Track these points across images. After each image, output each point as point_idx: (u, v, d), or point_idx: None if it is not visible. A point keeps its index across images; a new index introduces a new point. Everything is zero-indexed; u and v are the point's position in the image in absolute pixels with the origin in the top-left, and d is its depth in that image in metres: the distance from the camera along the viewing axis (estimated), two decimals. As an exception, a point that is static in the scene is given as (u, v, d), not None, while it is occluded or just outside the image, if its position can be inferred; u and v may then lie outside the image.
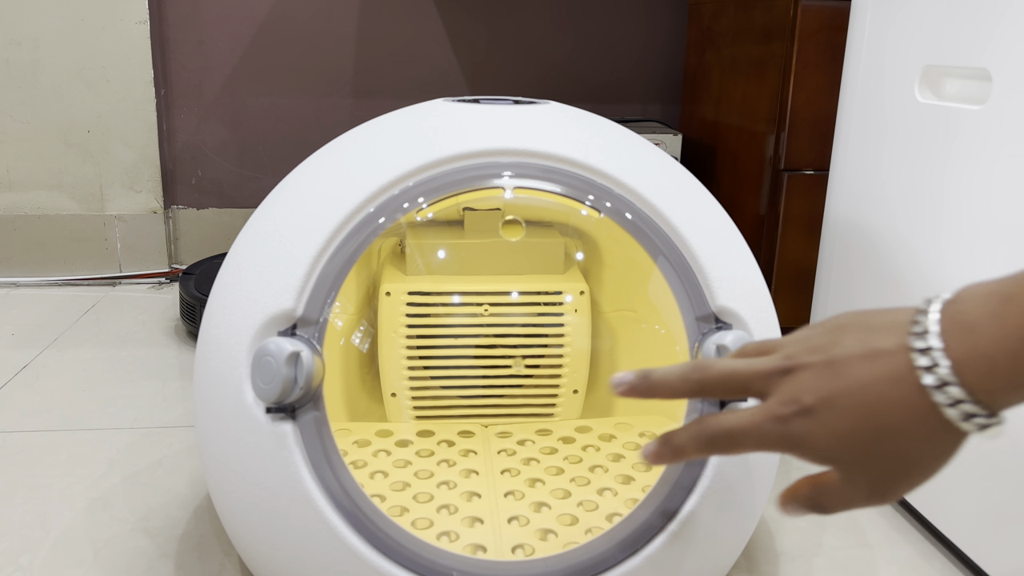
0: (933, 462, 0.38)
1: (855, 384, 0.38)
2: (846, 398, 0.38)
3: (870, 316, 0.40)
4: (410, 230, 0.86)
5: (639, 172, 0.67)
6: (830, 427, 0.39)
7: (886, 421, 0.37)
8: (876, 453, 0.38)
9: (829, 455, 0.39)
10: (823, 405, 0.39)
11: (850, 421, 0.38)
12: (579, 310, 0.84)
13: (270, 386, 0.56)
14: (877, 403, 0.37)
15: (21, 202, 1.50)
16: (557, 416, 0.86)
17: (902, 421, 0.37)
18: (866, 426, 0.38)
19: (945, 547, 0.78)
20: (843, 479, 0.41)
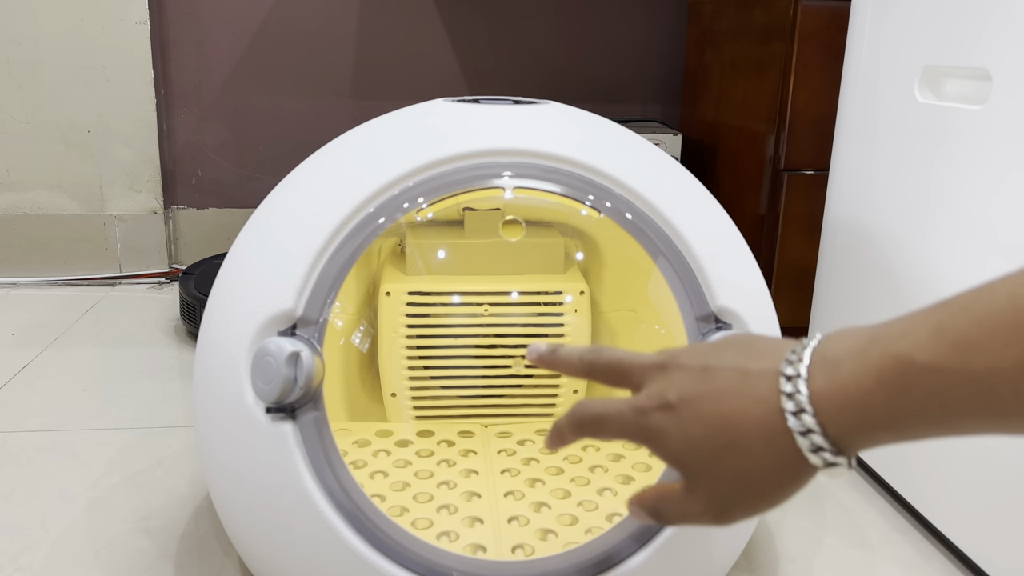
0: (776, 489, 0.38)
1: (719, 392, 0.38)
2: (707, 403, 0.38)
3: (757, 340, 0.41)
4: (410, 230, 0.86)
5: (639, 172, 0.67)
6: (685, 428, 0.39)
7: (739, 436, 0.37)
8: (722, 467, 0.38)
9: (678, 456, 0.40)
10: (684, 405, 0.39)
11: (704, 427, 0.38)
12: (579, 310, 0.84)
13: (270, 386, 0.56)
14: (735, 416, 0.37)
15: (21, 202, 1.50)
16: (557, 416, 0.86)
17: (754, 439, 0.37)
18: (719, 436, 0.38)
19: (945, 547, 0.78)
20: (686, 489, 0.41)
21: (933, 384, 0.32)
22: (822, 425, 0.35)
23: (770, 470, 0.37)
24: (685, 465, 0.40)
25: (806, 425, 0.35)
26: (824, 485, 0.90)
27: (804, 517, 0.83)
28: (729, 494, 0.39)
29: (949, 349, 0.32)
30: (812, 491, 0.88)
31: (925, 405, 0.33)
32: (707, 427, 0.38)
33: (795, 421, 0.36)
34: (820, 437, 0.35)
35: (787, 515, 0.84)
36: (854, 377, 0.34)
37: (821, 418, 0.35)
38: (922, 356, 0.32)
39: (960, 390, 0.32)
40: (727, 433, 0.38)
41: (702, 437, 0.38)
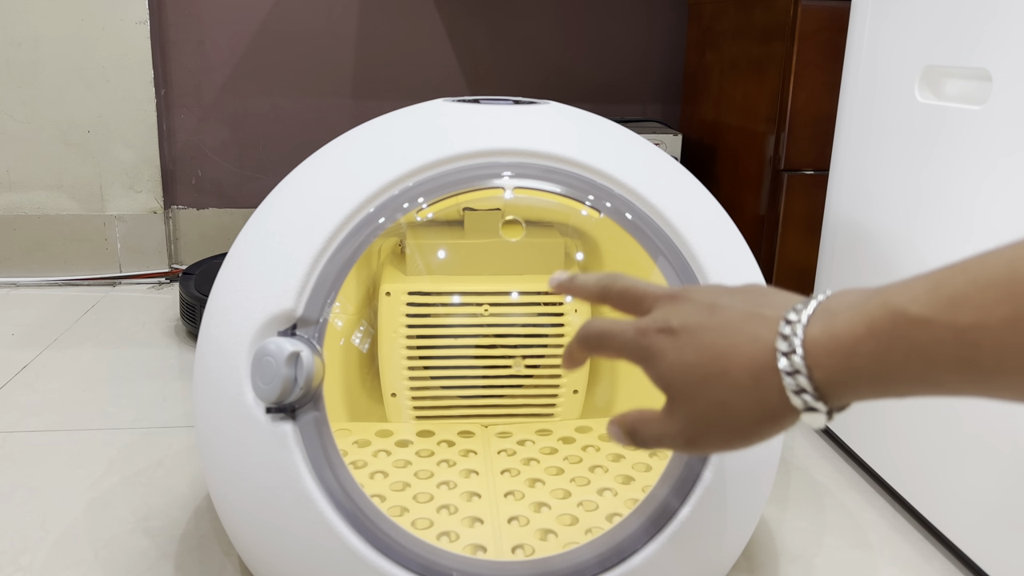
0: (753, 426, 0.39)
1: (721, 327, 0.40)
2: (707, 334, 0.40)
3: (773, 292, 0.42)
4: (410, 230, 0.86)
5: (639, 172, 0.67)
6: (680, 352, 0.41)
7: (730, 367, 0.39)
8: (706, 394, 0.39)
9: (666, 377, 0.41)
10: (684, 332, 0.41)
11: (699, 354, 0.40)
12: (579, 310, 0.84)
13: (270, 386, 0.56)
14: (730, 349, 0.39)
15: (21, 202, 1.50)
16: (557, 416, 0.86)
17: (743, 374, 0.38)
18: (709, 364, 0.39)
19: (945, 547, 0.78)
20: (666, 412, 0.42)
21: (920, 336, 0.33)
22: (809, 368, 0.36)
23: (752, 406, 0.38)
24: (671, 387, 0.41)
25: (794, 365, 0.36)
26: (824, 485, 0.90)
27: (804, 517, 0.83)
28: (707, 422, 0.40)
29: (941, 303, 0.32)
30: (812, 491, 0.88)
31: (910, 357, 0.33)
32: (701, 355, 0.40)
33: (784, 361, 0.37)
34: (805, 379, 0.36)
35: (787, 515, 0.84)
36: (848, 325, 0.35)
37: (809, 361, 0.36)
38: (915, 308, 0.33)
39: (946, 345, 0.32)
40: (718, 363, 0.39)
41: (694, 363, 0.40)
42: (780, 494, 0.88)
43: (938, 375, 0.33)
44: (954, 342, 0.32)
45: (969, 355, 0.31)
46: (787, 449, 0.97)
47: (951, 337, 0.32)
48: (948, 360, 0.32)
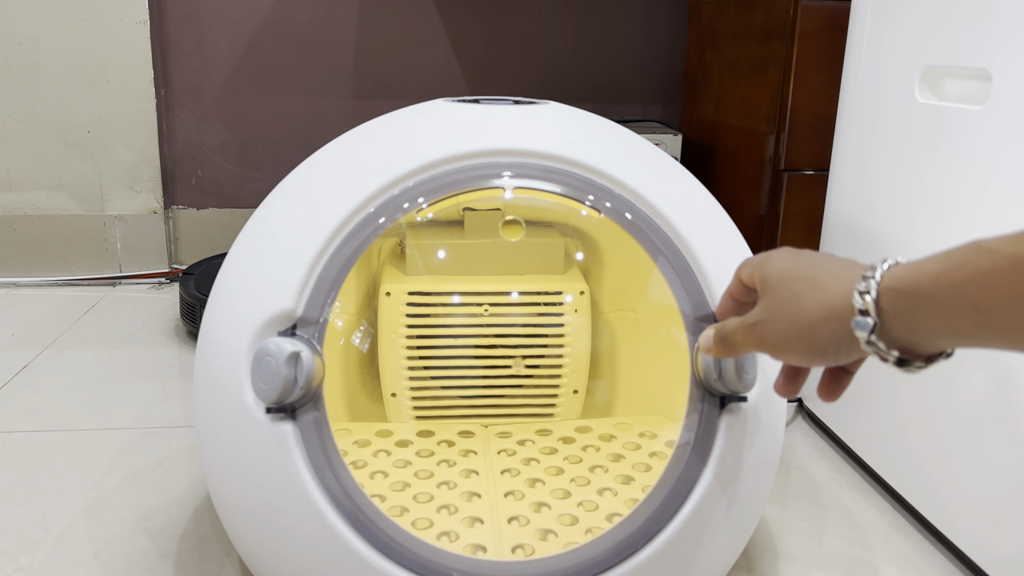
0: (815, 322, 0.44)
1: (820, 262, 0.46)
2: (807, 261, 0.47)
3: None
4: (410, 230, 0.86)
5: (639, 172, 0.67)
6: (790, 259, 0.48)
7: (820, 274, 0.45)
8: (791, 287, 0.45)
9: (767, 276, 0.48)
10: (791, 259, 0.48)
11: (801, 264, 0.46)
12: (579, 310, 0.84)
13: (270, 386, 0.56)
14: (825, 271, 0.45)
15: (21, 202, 1.50)
16: (557, 416, 0.86)
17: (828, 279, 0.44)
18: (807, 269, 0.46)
19: (945, 547, 0.78)
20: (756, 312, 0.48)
21: (984, 260, 0.36)
22: (882, 277, 0.40)
23: (821, 305, 0.43)
24: (769, 282, 0.47)
25: (873, 271, 0.41)
26: (824, 485, 0.90)
27: (804, 517, 0.83)
28: (780, 312, 0.46)
29: (1011, 240, 0.35)
30: (812, 491, 0.88)
31: (971, 279, 0.36)
32: (803, 260, 0.46)
33: (858, 299, 0.41)
34: (875, 283, 0.40)
35: (787, 515, 0.84)
36: (930, 258, 0.39)
37: (885, 274, 0.40)
38: (991, 242, 0.36)
39: (1002, 272, 0.35)
40: (816, 268, 0.45)
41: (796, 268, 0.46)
42: (780, 494, 0.88)
43: (989, 300, 0.35)
44: (1009, 270, 0.34)
45: (1018, 283, 0.34)
46: (787, 449, 0.97)
47: (1007, 265, 0.34)
48: (1000, 285, 0.34)
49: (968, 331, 0.37)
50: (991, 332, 0.36)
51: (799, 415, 1.06)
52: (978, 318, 0.36)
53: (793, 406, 1.07)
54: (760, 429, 0.62)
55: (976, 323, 0.36)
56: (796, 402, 1.06)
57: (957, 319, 0.37)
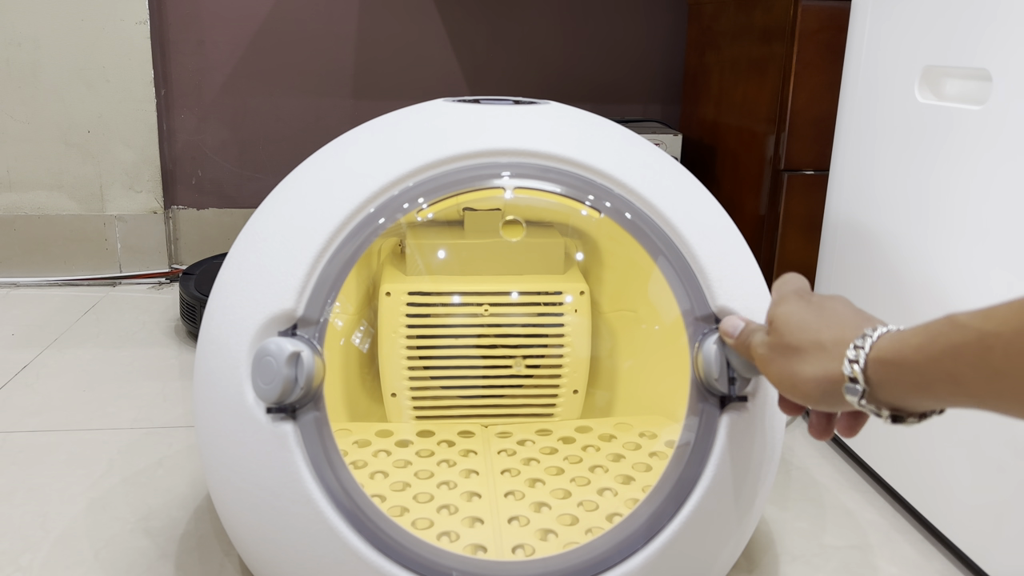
0: (809, 372, 0.47)
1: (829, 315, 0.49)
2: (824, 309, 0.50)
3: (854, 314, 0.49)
4: (410, 230, 0.86)
5: (639, 172, 0.67)
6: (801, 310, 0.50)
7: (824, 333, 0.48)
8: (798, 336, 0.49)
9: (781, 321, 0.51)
10: None
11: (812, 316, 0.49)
12: (579, 310, 0.84)
13: (270, 386, 0.56)
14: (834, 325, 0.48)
15: (21, 202, 1.50)
16: (557, 416, 0.86)
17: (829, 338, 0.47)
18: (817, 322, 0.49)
19: (945, 547, 0.78)
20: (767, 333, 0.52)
21: (957, 336, 0.39)
22: (871, 347, 0.43)
23: (818, 361, 0.47)
24: (780, 323, 0.50)
25: (864, 342, 0.44)
26: (824, 485, 0.90)
27: (804, 517, 0.83)
28: (784, 352, 0.49)
29: (981, 315, 0.38)
30: (812, 491, 0.88)
31: (945, 352, 0.39)
32: (813, 311, 0.49)
33: (847, 365, 0.44)
34: (864, 354, 0.43)
35: (787, 515, 0.84)
36: (913, 329, 0.42)
37: (873, 345, 0.43)
38: (963, 317, 0.39)
39: (970, 345, 0.38)
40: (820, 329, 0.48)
41: (806, 320, 0.49)
42: (780, 494, 0.88)
43: (962, 370, 0.38)
44: (977, 343, 0.37)
45: (985, 355, 0.37)
46: (787, 449, 0.97)
47: (975, 338, 0.37)
48: (970, 357, 0.38)
49: (946, 397, 0.40)
50: (967, 399, 0.39)
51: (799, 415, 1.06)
52: (953, 387, 0.39)
53: (793, 406, 1.07)
54: (760, 429, 0.62)
55: (952, 391, 0.39)
56: (796, 402, 1.06)
57: (936, 387, 0.40)
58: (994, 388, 0.37)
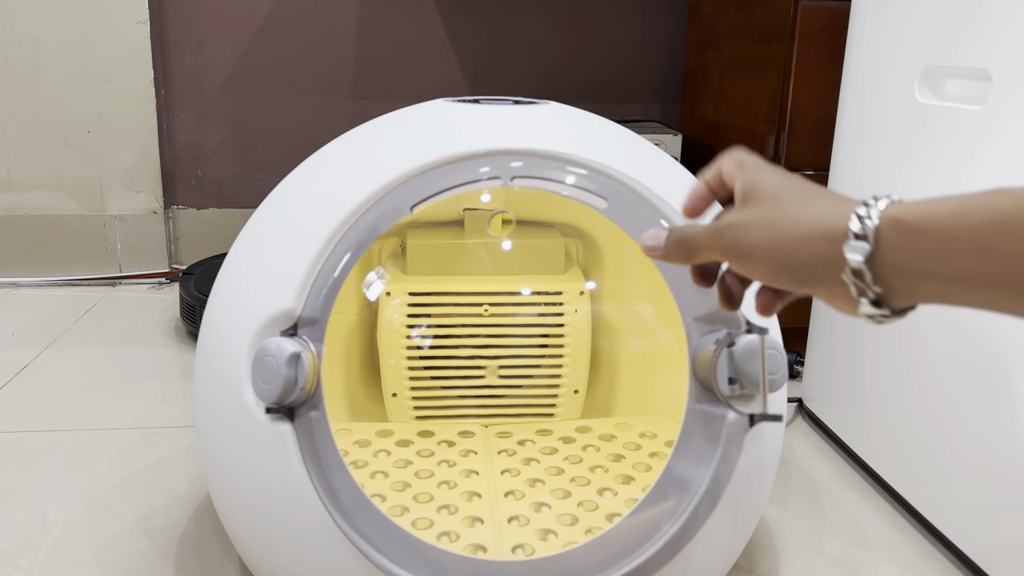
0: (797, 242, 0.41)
1: None
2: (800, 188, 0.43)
3: None
4: (410, 230, 0.86)
5: (639, 172, 0.67)
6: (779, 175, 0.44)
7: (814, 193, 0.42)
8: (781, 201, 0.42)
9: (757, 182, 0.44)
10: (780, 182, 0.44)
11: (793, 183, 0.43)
12: (579, 310, 0.84)
13: (270, 386, 0.56)
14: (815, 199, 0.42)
15: (21, 202, 1.50)
16: (557, 416, 0.86)
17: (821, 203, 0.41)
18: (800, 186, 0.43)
19: (945, 547, 0.78)
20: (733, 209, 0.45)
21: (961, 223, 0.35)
22: (883, 217, 0.37)
23: (809, 225, 0.40)
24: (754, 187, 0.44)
25: (868, 211, 0.38)
26: (824, 485, 0.90)
27: (804, 517, 0.83)
28: (764, 221, 0.42)
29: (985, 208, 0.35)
30: (812, 491, 0.88)
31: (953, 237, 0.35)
32: (795, 184, 0.43)
33: (861, 209, 0.38)
34: (872, 221, 0.37)
35: (787, 515, 0.84)
36: (939, 201, 0.37)
37: (883, 215, 0.37)
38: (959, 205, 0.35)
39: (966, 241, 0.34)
40: (806, 189, 0.42)
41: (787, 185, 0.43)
42: (780, 494, 0.88)
43: (1004, 243, 0.34)
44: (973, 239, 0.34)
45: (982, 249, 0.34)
46: (787, 449, 0.97)
47: (970, 236, 0.34)
48: (1018, 226, 0.33)
49: (968, 275, 0.35)
50: (992, 279, 0.34)
51: (799, 415, 1.06)
52: (984, 261, 0.34)
53: (793, 406, 1.07)
54: (760, 429, 0.62)
55: (980, 267, 0.34)
56: (796, 402, 1.06)
57: (960, 260, 0.35)
58: (996, 282, 0.34)
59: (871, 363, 0.88)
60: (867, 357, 0.88)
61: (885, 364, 0.85)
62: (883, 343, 0.85)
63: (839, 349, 0.95)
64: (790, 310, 1.13)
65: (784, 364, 0.60)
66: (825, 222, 0.39)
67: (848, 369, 0.93)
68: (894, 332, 0.83)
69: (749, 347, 0.59)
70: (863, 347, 0.89)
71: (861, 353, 0.90)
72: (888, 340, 0.84)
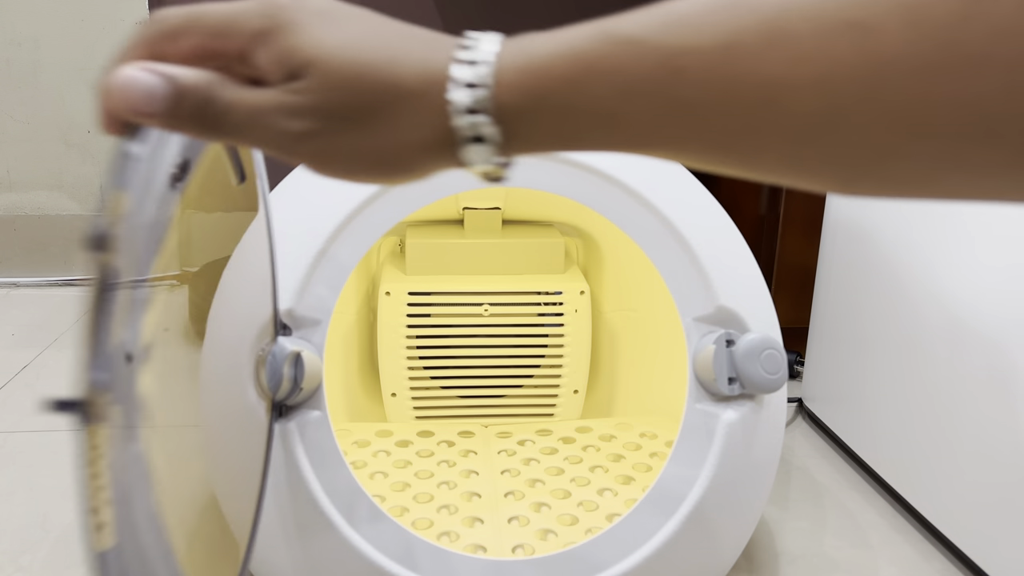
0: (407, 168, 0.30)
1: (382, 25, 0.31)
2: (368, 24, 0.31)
3: None
4: (410, 230, 0.86)
5: (639, 172, 0.67)
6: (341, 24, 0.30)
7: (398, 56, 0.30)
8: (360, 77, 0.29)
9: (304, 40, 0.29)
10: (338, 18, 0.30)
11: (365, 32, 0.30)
12: (579, 310, 0.84)
13: (271, 386, 0.56)
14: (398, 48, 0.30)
15: (21, 202, 1.50)
16: (557, 416, 0.86)
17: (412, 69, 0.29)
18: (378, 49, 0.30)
19: (945, 547, 0.78)
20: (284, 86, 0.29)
21: (624, 55, 0.27)
22: (496, 80, 0.28)
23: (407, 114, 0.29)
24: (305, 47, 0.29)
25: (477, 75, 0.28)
26: (824, 485, 0.90)
27: (804, 517, 0.83)
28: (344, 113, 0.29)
29: (656, 23, 0.26)
30: (812, 491, 0.88)
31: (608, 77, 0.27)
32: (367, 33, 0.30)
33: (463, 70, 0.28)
34: (485, 92, 0.28)
35: (787, 515, 0.84)
36: (547, 44, 0.30)
37: (497, 71, 0.28)
38: (627, 27, 0.27)
39: (649, 67, 0.26)
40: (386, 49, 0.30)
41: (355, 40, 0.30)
42: (780, 494, 0.88)
43: (635, 103, 0.26)
44: (658, 65, 0.26)
45: (671, 81, 0.26)
46: (787, 449, 0.97)
47: (657, 59, 0.26)
48: (648, 85, 0.26)
49: (595, 143, 0.28)
50: (623, 144, 0.28)
51: (799, 415, 1.06)
52: (610, 131, 0.28)
53: (793, 406, 1.07)
54: (760, 429, 0.62)
55: (606, 137, 0.28)
56: (796, 402, 1.06)
57: (593, 127, 0.28)
58: (678, 128, 0.26)
59: (871, 363, 0.88)
60: (867, 357, 0.88)
61: (885, 364, 0.85)
62: (883, 343, 0.85)
63: (839, 349, 0.95)
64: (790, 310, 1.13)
65: (784, 364, 0.60)
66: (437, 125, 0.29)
67: (848, 369, 0.93)
68: (894, 332, 0.83)
69: (749, 347, 0.59)
70: (863, 347, 0.89)
71: (861, 353, 0.90)
72: (888, 340, 0.84)
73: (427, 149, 0.29)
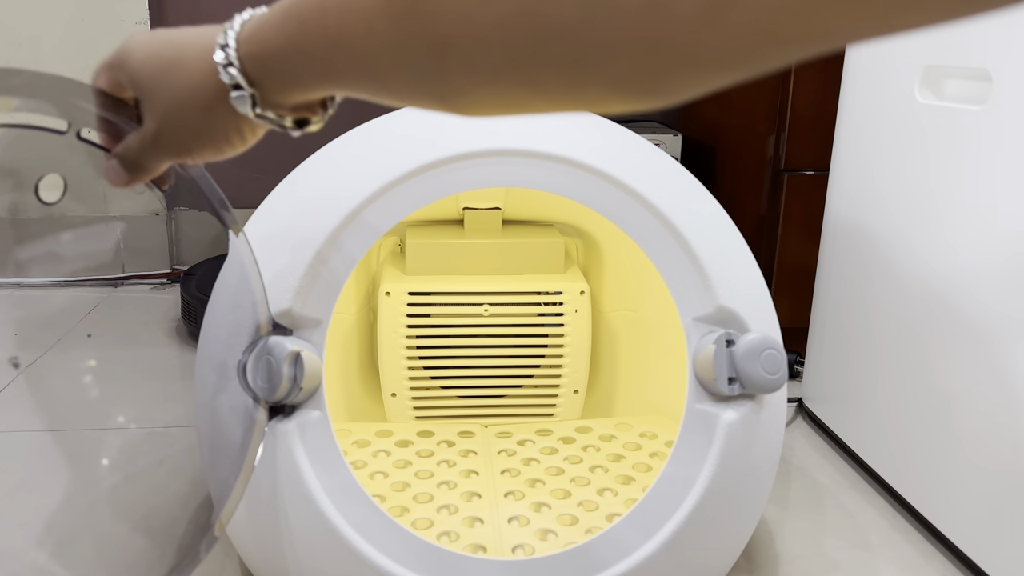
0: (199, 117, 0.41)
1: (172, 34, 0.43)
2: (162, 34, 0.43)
3: None
4: (410, 230, 0.86)
5: (639, 172, 0.67)
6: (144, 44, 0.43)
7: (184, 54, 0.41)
8: (165, 83, 0.41)
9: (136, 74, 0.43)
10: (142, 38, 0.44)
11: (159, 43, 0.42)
12: (579, 310, 0.84)
13: (270, 386, 0.56)
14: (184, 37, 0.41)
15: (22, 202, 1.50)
16: (557, 416, 0.86)
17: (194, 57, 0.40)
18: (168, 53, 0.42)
19: (945, 547, 0.78)
20: (143, 116, 0.44)
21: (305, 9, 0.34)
22: (238, 43, 0.37)
23: (196, 90, 0.40)
24: (139, 86, 0.43)
25: (226, 39, 0.38)
26: (824, 485, 0.90)
27: (804, 517, 0.83)
28: (166, 113, 0.42)
29: None
30: (812, 491, 0.88)
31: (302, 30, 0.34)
32: (160, 43, 0.42)
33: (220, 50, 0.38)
34: (233, 52, 0.37)
35: (787, 515, 0.84)
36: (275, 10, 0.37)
37: (239, 39, 0.38)
38: None
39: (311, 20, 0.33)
40: (175, 48, 0.41)
41: (155, 53, 0.42)
42: (780, 494, 0.88)
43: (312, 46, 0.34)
44: (316, 8, 0.33)
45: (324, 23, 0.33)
46: (787, 449, 0.97)
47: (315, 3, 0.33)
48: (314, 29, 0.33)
49: (315, 82, 0.36)
50: (331, 81, 0.35)
51: (799, 415, 1.06)
52: (313, 70, 0.35)
53: (793, 406, 1.07)
54: (760, 429, 0.62)
55: (317, 76, 0.35)
56: (796, 402, 1.06)
57: (300, 73, 0.35)
58: (337, 64, 0.33)
59: (871, 363, 0.88)
60: (867, 357, 0.88)
61: (885, 364, 0.85)
62: (883, 343, 0.85)
63: (839, 349, 0.95)
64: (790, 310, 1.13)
65: (784, 364, 0.60)
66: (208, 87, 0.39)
67: (848, 369, 0.93)
68: (894, 332, 0.83)
69: (749, 347, 0.59)
70: (863, 347, 0.89)
71: (861, 353, 0.90)
72: (888, 340, 0.84)
73: (213, 105, 0.40)
